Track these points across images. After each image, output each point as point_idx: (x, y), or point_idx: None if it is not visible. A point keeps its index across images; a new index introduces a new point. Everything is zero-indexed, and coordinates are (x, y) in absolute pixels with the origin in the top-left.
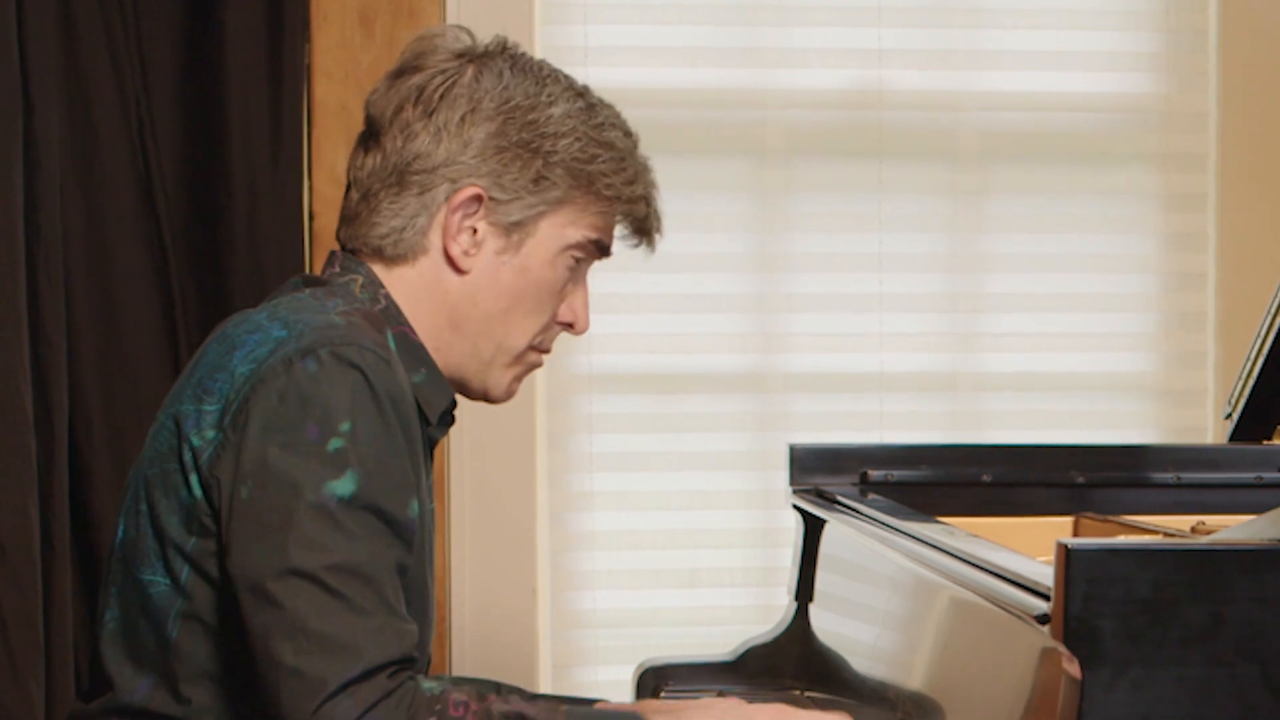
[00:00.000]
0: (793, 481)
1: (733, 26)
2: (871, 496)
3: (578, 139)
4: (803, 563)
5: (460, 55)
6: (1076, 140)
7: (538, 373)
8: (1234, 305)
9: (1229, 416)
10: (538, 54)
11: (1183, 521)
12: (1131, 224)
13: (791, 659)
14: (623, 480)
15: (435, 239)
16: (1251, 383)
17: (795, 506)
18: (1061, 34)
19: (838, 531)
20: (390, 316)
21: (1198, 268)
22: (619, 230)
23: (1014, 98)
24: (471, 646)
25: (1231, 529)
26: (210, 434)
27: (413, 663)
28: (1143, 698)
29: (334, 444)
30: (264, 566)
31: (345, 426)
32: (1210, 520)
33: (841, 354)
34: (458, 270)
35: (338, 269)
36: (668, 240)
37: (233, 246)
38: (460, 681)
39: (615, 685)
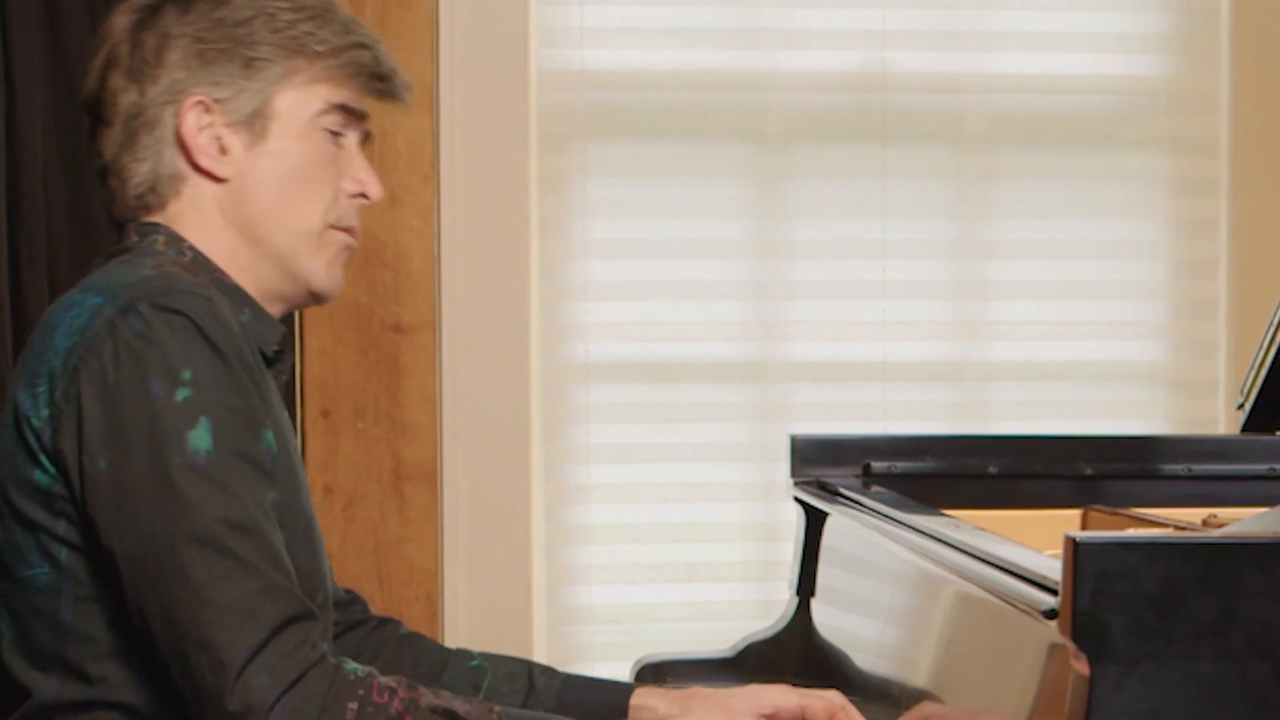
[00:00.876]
0: (794, 473)
1: (732, 7)
2: (875, 489)
3: (268, 13)
4: (804, 557)
5: (134, 12)
6: (1084, 123)
7: (532, 361)
8: (1246, 292)
9: (1241, 406)
10: (533, 36)
11: (1194, 514)
12: (1141, 209)
13: (793, 655)
14: (620, 472)
15: (183, 163)
16: (1264, 372)
17: (796, 499)
18: (1069, 14)
19: (840, 524)
20: (202, 266)
21: (1209, 254)
22: (361, 87)
23: (1021, 80)
24: (465, 643)
25: (1244, 522)
26: (45, 412)
27: (311, 615)
28: (1152, 694)
29: (181, 394)
30: (149, 535)
31: (187, 375)
32: (1222, 513)
33: (844, 342)
34: (218, 179)
35: (135, 237)
36: (666, 227)
37: None
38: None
39: None
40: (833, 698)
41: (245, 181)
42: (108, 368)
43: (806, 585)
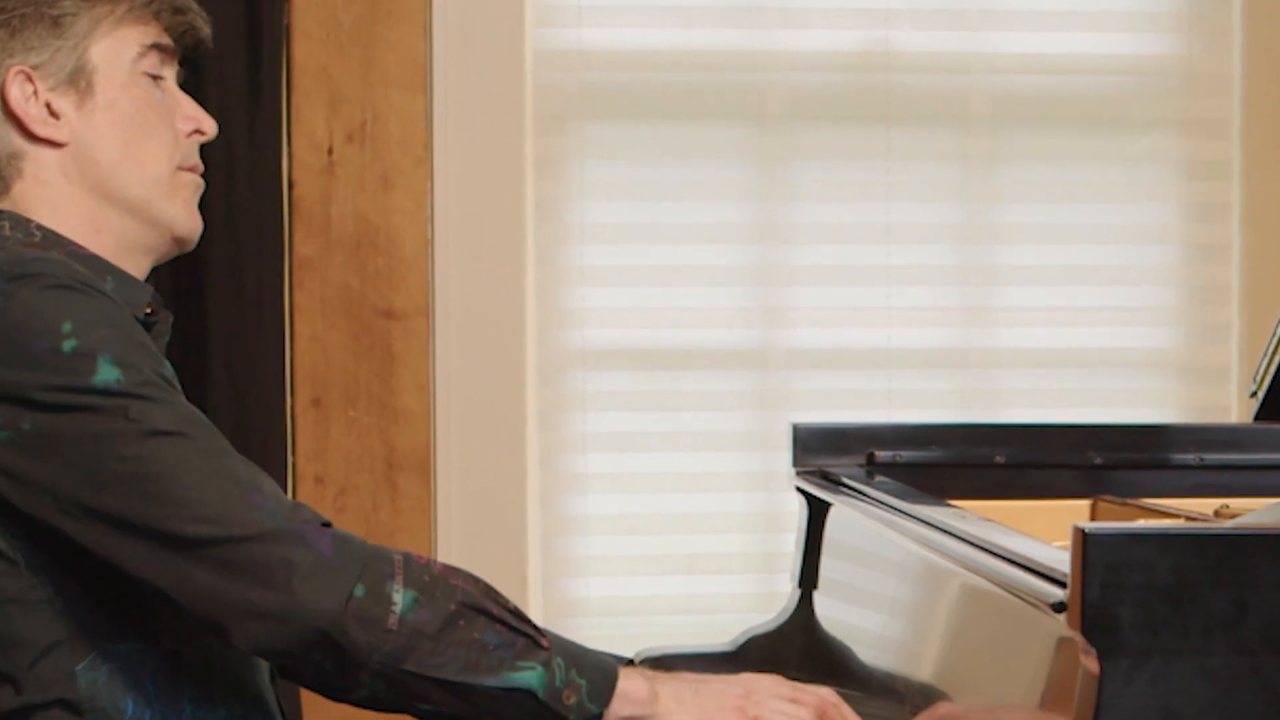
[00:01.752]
0: (796, 463)
1: None
2: (879, 478)
3: None
4: (806, 548)
5: None
6: (1093, 104)
7: (528, 347)
8: (1259, 277)
9: (1254, 394)
10: (528, 15)
11: (1206, 505)
12: (1151, 192)
13: (794, 649)
14: (617, 461)
15: (18, 138)
16: (1278, 358)
17: (798, 489)
18: None
19: (843, 515)
20: (53, 242)
21: (1221, 238)
22: (165, 23)
23: (1028, 60)
24: None
25: (1257, 512)
26: None
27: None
28: (1164, 689)
29: (68, 345)
30: (97, 461)
31: (67, 326)
32: (1235, 504)
33: (847, 329)
34: (57, 145)
35: None
36: (665, 211)
37: (207, 217)
38: None
39: None
40: (825, 694)
41: (85, 141)
42: None
43: (809, 577)
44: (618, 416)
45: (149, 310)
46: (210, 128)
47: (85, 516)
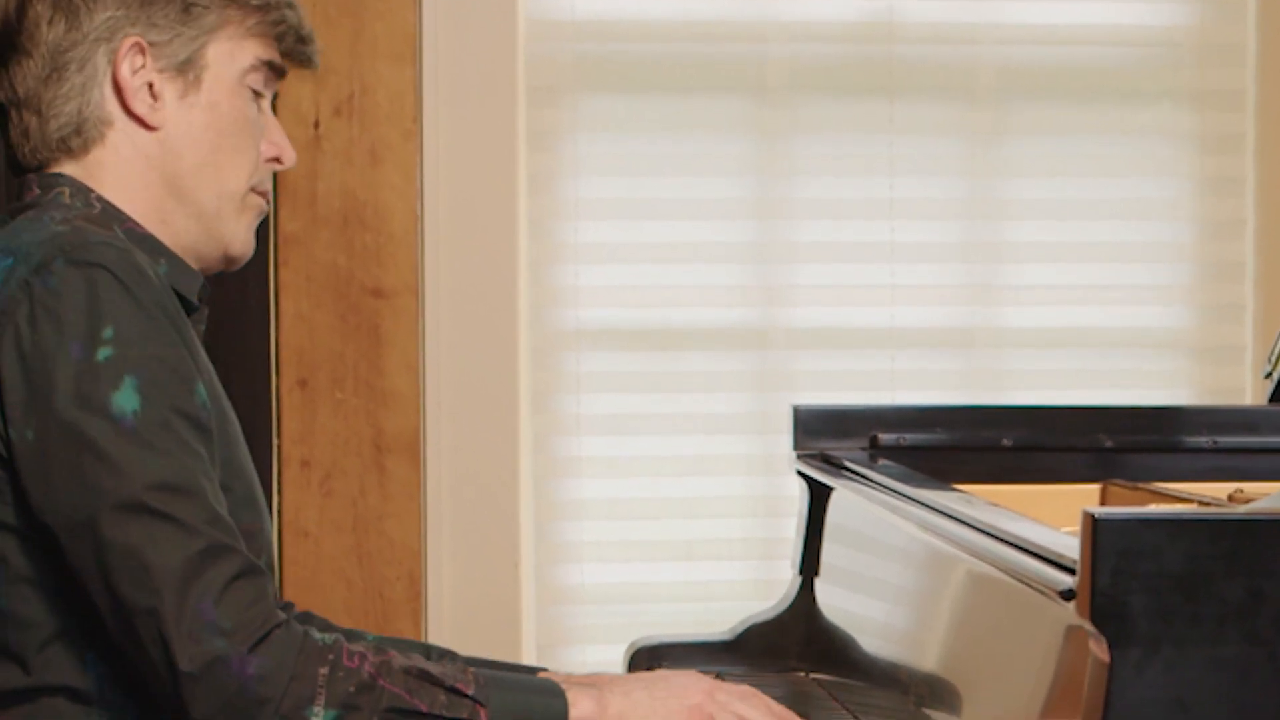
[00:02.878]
0: (797, 446)
1: None
2: (882, 462)
3: None
4: (807, 534)
5: None
6: (1103, 76)
7: (520, 327)
8: (1274, 254)
9: (1269, 375)
10: None
11: (1219, 489)
12: (1163, 167)
13: (795, 638)
14: (612, 444)
15: (114, 107)
16: None
17: (799, 473)
18: None
19: (845, 500)
20: (111, 216)
21: (1235, 214)
22: (286, 48)
23: (1036, 30)
24: (449, 624)
25: (1273, 497)
26: None
27: (259, 571)
28: (1176, 679)
29: (103, 354)
30: (81, 505)
31: (108, 332)
32: (1249, 488)
33: (849, 308)
34: (149, 128)
35: (38, 190)
36: (661, 185)
37: None
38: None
39: (604, 666)
40: (745, 691)
41: (176, 132)
42: (24, 332)
43: (810, 564)
44: (613, 398)
45: (198, 298)
46: (290, 159)
47: (62, 537)
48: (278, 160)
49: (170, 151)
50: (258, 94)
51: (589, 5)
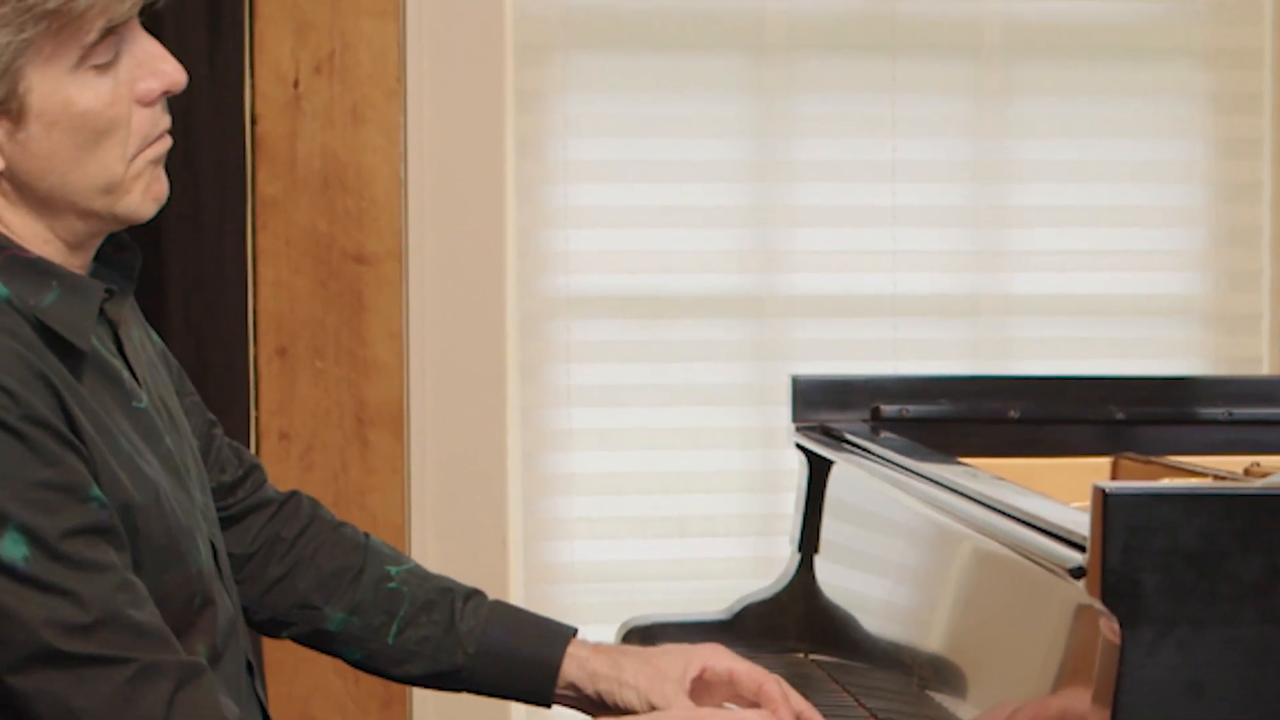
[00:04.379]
0: (795, 418)
1: None
2: (884, 435)
3: None
4: (807, 509)
5: None
6: (1114, 33)
7: (508, 294)
8: None
9: None
10: None
11: (1235, 462)
12: (1176, 127)
13: (794, 617)
14: (604, 416)
15: None
16: None
17: (798, 446)
18: None
19: (846, 474)
20: None
21: (1250, 176)
22: (110, 14)
23: None
24: None
25: None
26: None
27: (199, 672)
28: (1190, 660)
29: None
30: None
31: None
32: (1265, 461)
33: (850, 274)
34: None
35: None
36: (655, 147)
37: (166, 157)
38: None
39: None
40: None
41: (25, 166)
42: None
43: (809, 541)
44: (604, 368)
45: (107, 295)
46: (179, 81)
47: None
48: (167, 91)
49: (23, 186)
50: (106, 64)
51: None
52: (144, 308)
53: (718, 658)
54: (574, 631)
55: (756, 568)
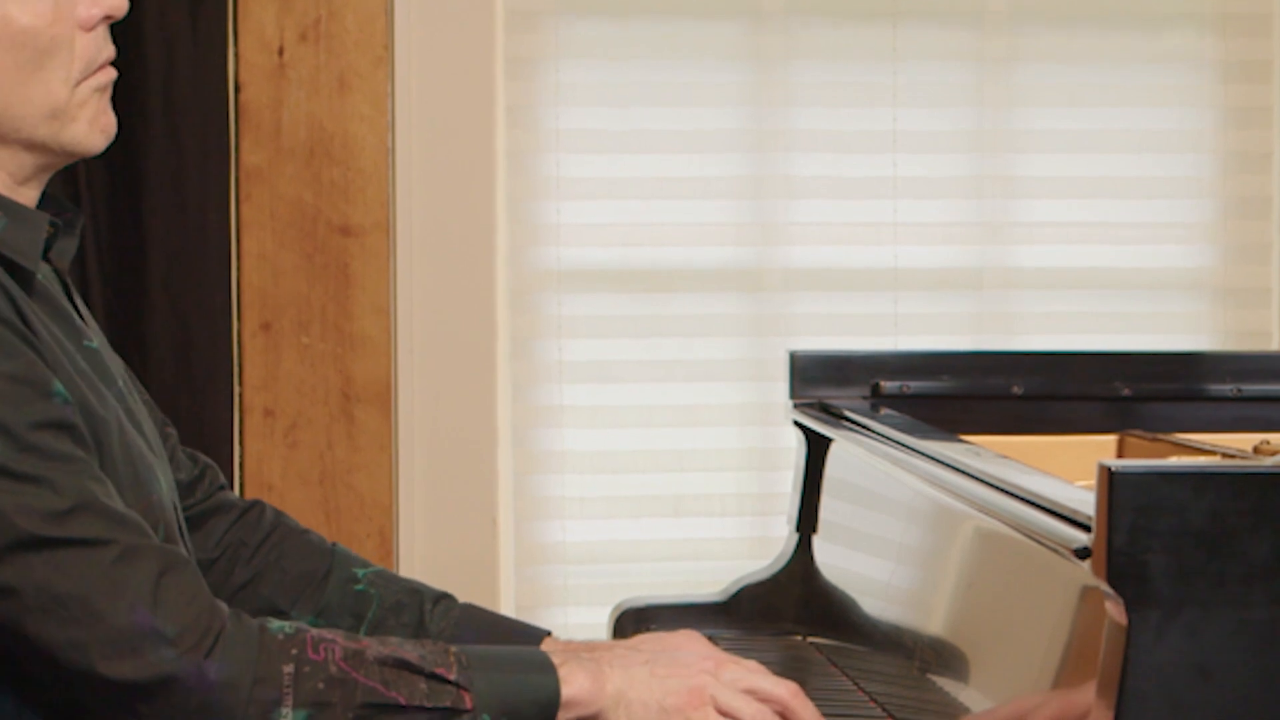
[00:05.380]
0: (793, 394)
1: None
2: (884, 412)
3: None
4: (805, 488)
5: None
6: None
7: (498, 268)
8: None
9: None
10: None
11: (1244, 440)
12: (1184, 96)
13: (792, 599)
14: (597, 393)
15: None
16: None
17: (796, 423)
18: None
19: (845, 452)
20: None
21: (1261, 146)
22: None
23: None
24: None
25: None
26: None
27: (184, 561)
28: (1198, 644)
29: None
30: None
31: None
32: (1275, 439)
33: (850, 247)
34: None
35: None
36: (649, 116)
37: (146, 124)
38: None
39: (588, 629)
40: (791, 687)
41: None
42: None
43: (807, 520)
44: (597, 343)
45: (50, 232)
46: (119, 7)
47: None
48: (109, 16)
49: None
50: None
51: None
52: (123, 281)
53: (692, 644)
54: (547, 632)
55: (753, 548)
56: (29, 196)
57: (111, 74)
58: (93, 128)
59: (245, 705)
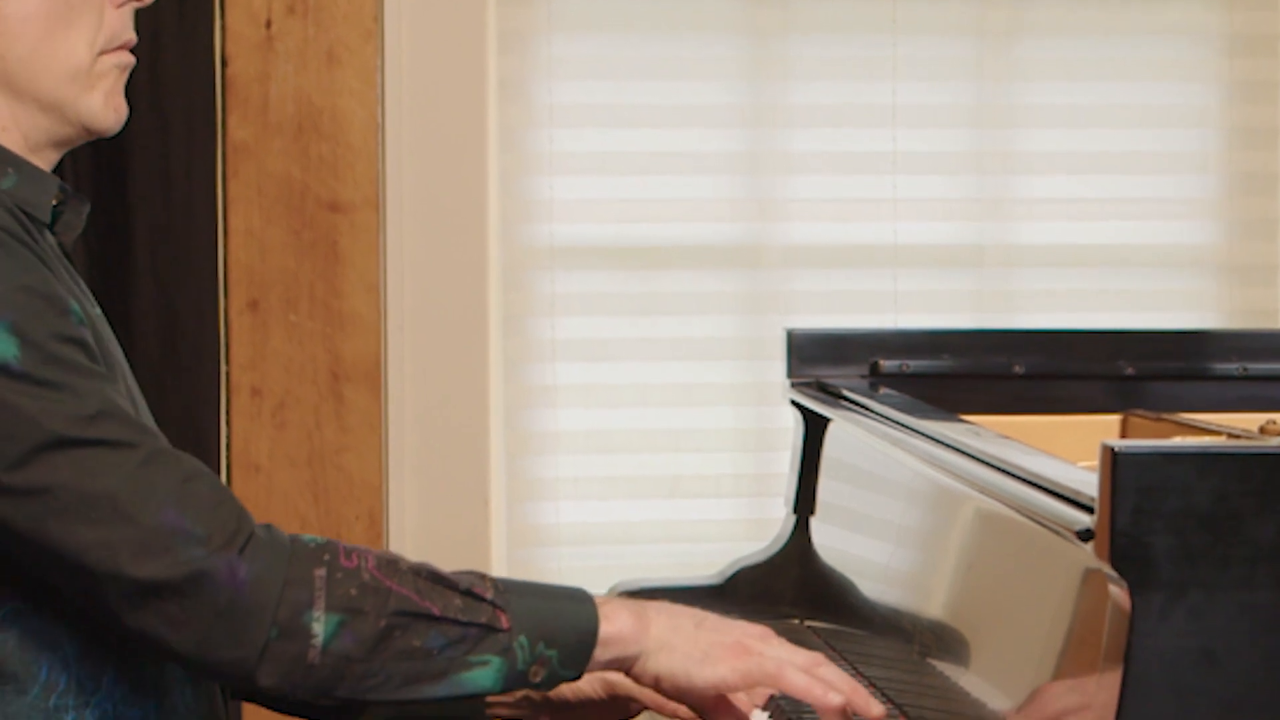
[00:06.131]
0: (791, 373)
1: None
2: (883, 391)
3: None
4: (802, 469)
5: None
6: None
7: (490, 245)
8: None
9: None
10: None
11: (1250, 420)
12: (1189, 70)
13: (789, 582)
14: (590, 372)
15: None
16: None
17: (794, 403)
18: None
19: (843, 432)
20: None
21: (1266, 121)
22: None
23: None
24: None
25: None
26: None
27: (210, 472)
28: (1203, 627)
29: None
30: None
31: None
32: None
33: (848, 223)
34: None
35: None
36: (645, 91)
37: (132, 98)
38: None
39: None
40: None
41: None
42: None
43: (805, 502)
44: (591, 321)
45: (56, 202)
46: None
47: None
48: (137, 0)
49: None
50: None
51: None
52: (109, 258)
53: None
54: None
55: (750, 530)
56: (40, 164)
57: (131, 59)
58: (108, 104)
59: (275, 605)
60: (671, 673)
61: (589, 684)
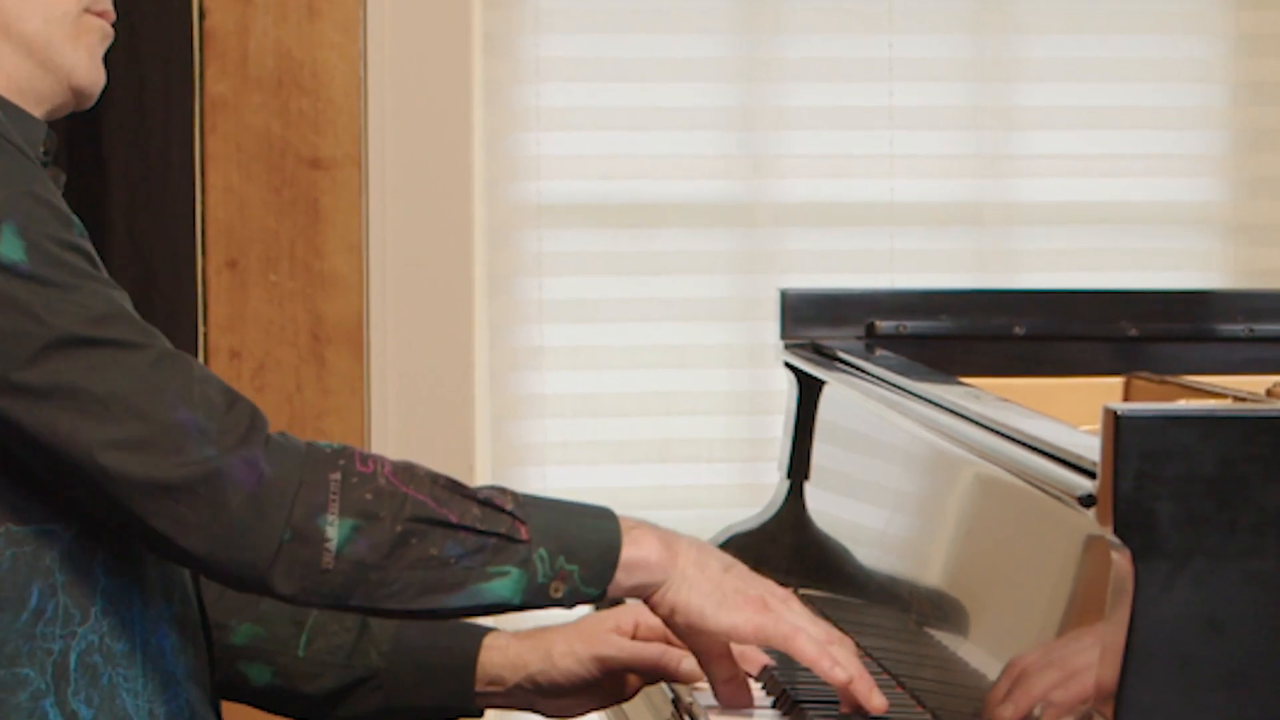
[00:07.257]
0: (784, 334)
1: None
2: (880, 353)
3: None
4: (796, 433)
5: None
6: None
7: (475, 203)
8: None
9: None
10: None
11: (1256, 383)
12: (1194, 22)
13: (783, 549)
14: (578, 333)
15: None
16: None
17: (788, 365)
18: None
19: (839, 395)
20: None
21: (1274, 75)
22: None
23: None
24: None
25: None
26: None
27: (221, 380)
28: (1208, 595)
29: None
30: (2, 363)
31: None
32: None
33: (843, 180)
34: None
35: None
36: (635, 44)
37: (108, 53)
38: None
39: None
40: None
41: None
42: None
43: (799, 466)
44: (579, 281)
45: (44, 150)
46: None
47: None
48: None
49: None
50: None
51: None
52: (83, 216)
53: (644, 613)
54: (490, 628)
55: (743, 495)
56: None
57: (111, 32)
58: (90, 62)
59: (290, 506)
60: (688, 608)
61: (581, 664)
